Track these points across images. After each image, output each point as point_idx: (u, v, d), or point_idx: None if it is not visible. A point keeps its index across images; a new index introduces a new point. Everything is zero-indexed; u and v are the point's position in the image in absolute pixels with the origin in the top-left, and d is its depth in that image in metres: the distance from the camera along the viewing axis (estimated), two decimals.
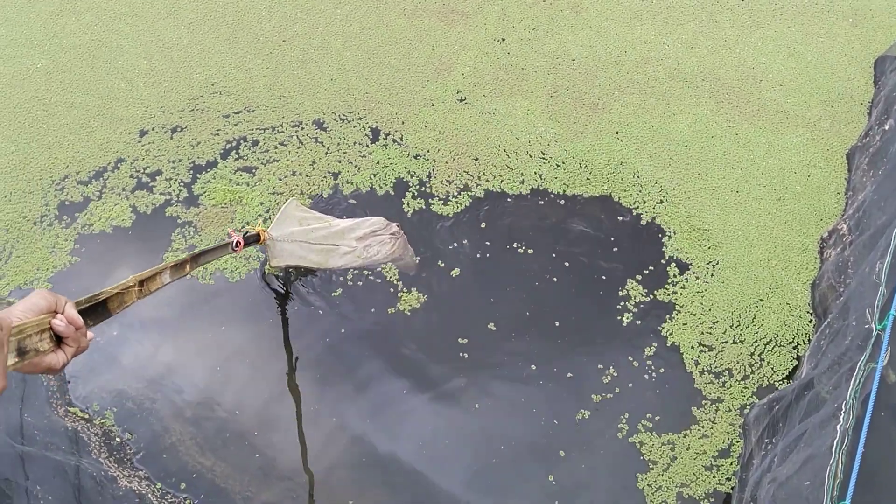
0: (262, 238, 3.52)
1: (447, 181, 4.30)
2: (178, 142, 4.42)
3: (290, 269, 3.94)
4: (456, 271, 4.00)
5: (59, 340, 1.51)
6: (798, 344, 3.77)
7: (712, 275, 4.00)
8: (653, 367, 3.71)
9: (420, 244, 4.08)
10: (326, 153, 4.39)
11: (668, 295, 3.94)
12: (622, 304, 3.91)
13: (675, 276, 4.00)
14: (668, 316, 3.87)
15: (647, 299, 3.93)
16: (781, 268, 4.01)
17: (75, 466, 3.05)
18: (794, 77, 4.79)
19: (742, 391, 3.65)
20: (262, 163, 4.35)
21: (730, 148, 4.48)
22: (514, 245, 4.10)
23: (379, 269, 3.97)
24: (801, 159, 4.42)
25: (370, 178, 4.30)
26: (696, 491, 3.37)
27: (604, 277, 4.00)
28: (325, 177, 4.29)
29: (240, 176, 4.30)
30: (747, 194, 4.29)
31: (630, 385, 3.66)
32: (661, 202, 4.25)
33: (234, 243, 3.15)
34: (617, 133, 4.52)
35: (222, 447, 3.42)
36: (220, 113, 4.56)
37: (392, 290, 3.92)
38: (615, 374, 3.68)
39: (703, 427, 3.55)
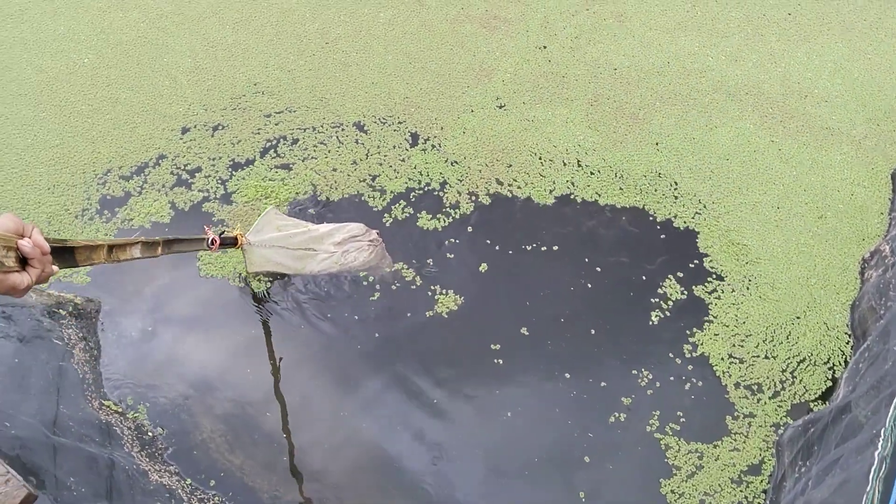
0: (239, 242, 3.53)
1: (479, 186, 4.30)
2: (218, 140, 4.47)
3: (269, 277, 3.94)
4: (488, 274, 3.99)
5: (24, 264, 1.57)
6: (834, 365, 3.71)
7: (748, 288, 3.95)
8: (686, 378, 3.67)
9: (448, 248, 4.08)
10: (367, 155, 4.41)
11: (702, 306, 3.90)
12: (655, 312, 3.88)
13: (709, 287, 3.96)
14: (700, 326, 3.84)
15: (681, 309, 3.90)
16: (820, 287, 3.94)
17: (108, 459, 3.09)
18: (840, 93, 4.71)
19: (776, 409, 3.60)
20: (300, 159, 4.38)
21: (772, 163, 4.42)
22: (545, 249, 4.08)
23: (409, 277, 3.97)
24: (845, 177, 4.35)
25: (406, 182, 4.31)
26: (720, 502, 3.33)
27: (637, 286, 3.97)
28: (364, 179, 4.31)
29: (275, 173, 4.33)
30: (788, 211, 4.23)
31: (661, 394, 3.63)
32: (699, 214, 4.21)
33: (210, 241, 3.17)
34: (657, 144, 4.48)
35: (251, 446, 3.45)
36: (261, 112, 4.60)
37: (429, 293, 3.92)
38: (647, 383, 3.65)
39: (735, 440, 3.51)
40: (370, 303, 3.90)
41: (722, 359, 3.74)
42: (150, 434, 3.41)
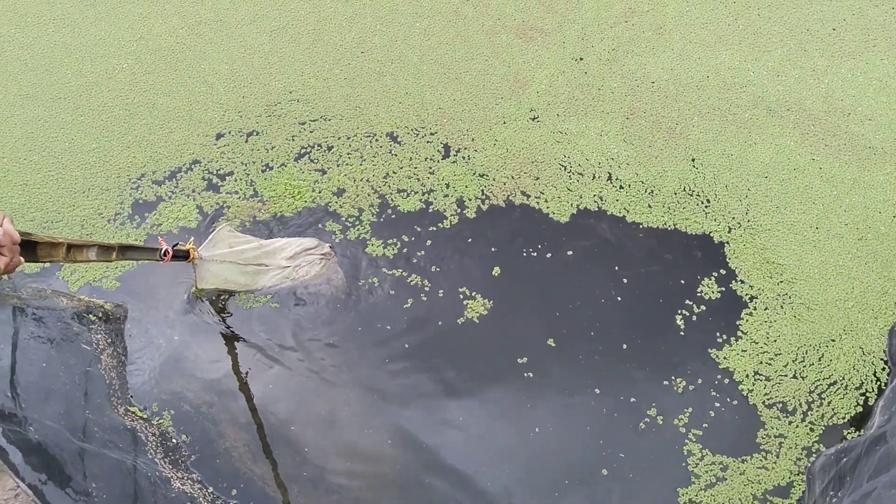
0: (191, 256, 3.51)
1: (503, 198, 4.26)
2: (252, 145, 4.49)
3: (220, 294, 3.92)
4: (516, 285, 3.95)
5: None
6: (867, 391, 3.61)
7: (782, 307, 3.87)
8: (716, 393, 3.61)
9: (475, 258, 4.04)
10: (400, 167, 4.39)
11: (733, 322, 3.83)
12: (684, 327, 3.81)
13: (742, 304, 3.89)
14: (729, 342, 3.77)
15: (710, 324, 3.83)
16: (858, 310, 3.84)
17: (132, 465, 3.10)
18: (885, 112, 4.59)
19: (808, 432, 3.51)
20: (335, 164, 4.39)
21: (812, 182, 4.32)
22: (573, 261, 4.03)
23: (441, 290, 3.94)
24: (887, 198, 4.23)
25: (429, 195, 4.28)
26: None
27: (666, 301, 3.90)
28: (391, 187, 4.30)
29: (308, 174, 4.34)
30: (827, 231, 4.13)
31: (690, 410, 3.58)
32: (733, 230, 4.13)
33: (163, 251, 3.17)
34: (693, 160, 4.40)
35: (274, 456, 3.44)
36: (296, 120, 4.61)
37: (461, 297, 3.90)
38: (675, 398, 3.58)
39: (764, 459, 3.46)
40: (404, 310, 3.89)
41: (747, 375, 3.68)
42: (173, 441, 3.42)
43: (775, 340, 3.77)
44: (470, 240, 4.14)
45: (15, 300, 3.50)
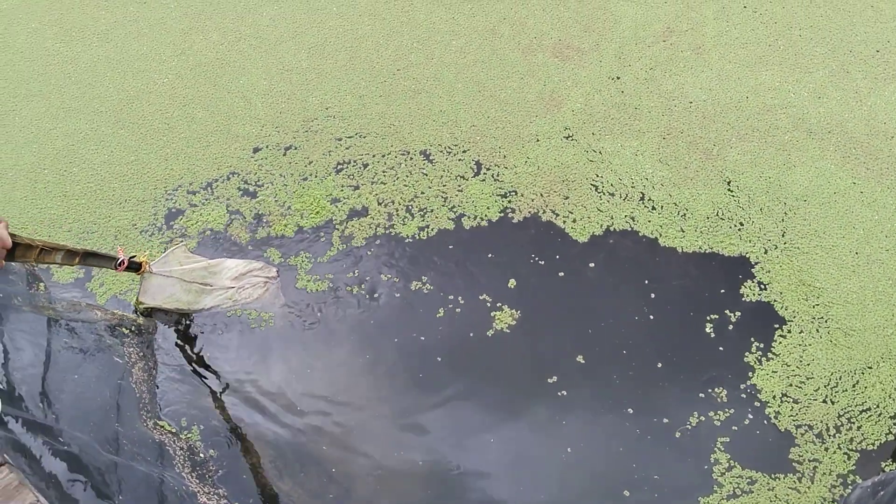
0: (143, 268, 3.54)
1: (530, 217, 4.25)
2: (290, 158, 4.53)
3: (161, 312, 3.92)
4: (546, 303, 3.93)
5: None
6: None
7: (818, 330, 3.80)
8: (752, 416, 3.56)
9: (497, 275, 4.03)
10: (430, 186, 4.39)
11: (767, 344, 3.77)
12: (716, 346, 3.75)
13: (777, 326, 3.83)
14: (761, 362, 3.72)
15: (742, 345, 3.78)
16: None
17: (159, 479, 3.13)
18: None
19: (844, 459, 3.44)
20: (369, 182, 4.41)
21: (853, 206, 4.23)
22: (602, 280, 4.00)
23: (466, 300, 3.93)
24: None
25: (457, 212, 4.28)
26: None
27: (699, 318, 3.84)
28: (420, 204, 4.30)
29: (341, 191, 4.37)
30: (868, 256, 4.03)
31: (720, 428, 3.53)
32: (768, 252, 4.06)
33: (119, 262, 3.25)
34: (728, 183, 4.33)
35: (300, 473, 3.45)
36: (332, 136, 4.65)
37: (487, 311, 3.89)
38: (707, 418, 3.53)
39: (799, 482, 3.41)
40: (435, 320, 3.89)
41: (774, 396, 3.64)
42: (201, 455, 3.44)
43: (808, 364, 3.71)
44: (491, 255, 4.12)
45: (50, 312, 3.56)
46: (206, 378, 3.75)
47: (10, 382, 3.15)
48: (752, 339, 3.81)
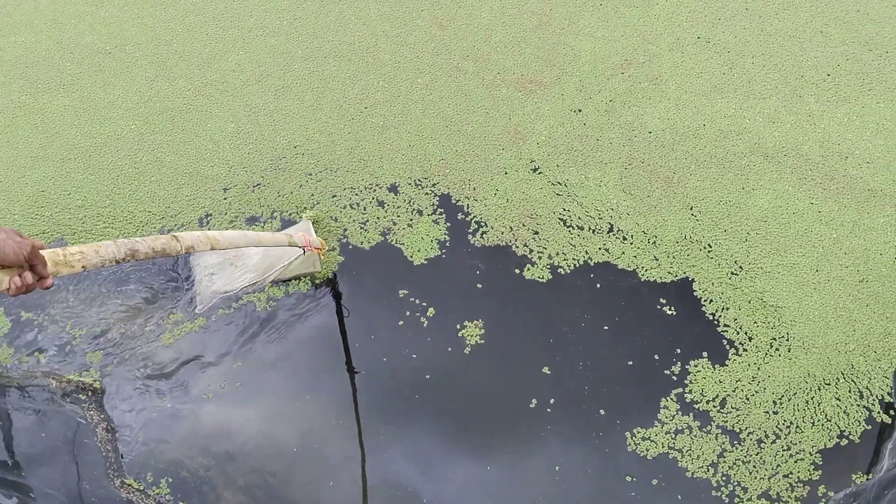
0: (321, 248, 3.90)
1: (506, 251, 4.32)
2: (259, 194, 4.58)
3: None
4: (514, 336, 3.98)
5: None
6: (850, 434, 3.62)
7: (777, 349, 3.89)
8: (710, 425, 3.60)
9: (474, 307, 4.08)
10: (395, 222, 4.46)
11: (722, 361, 3.85)
12: (675, 364, 3.82)
13: (735, 346, 3.90)
14: (716, 377, 3.78)
15: (708, 365, 3.84)
16: (860, 353, 3.84)
17: None
18: (883, 154, 4.64)
19: (812, 471, 3.50)
20: (334, 217, 4.47)
21: (811, 225, 4.35)
22: (576, 314, 4.06)
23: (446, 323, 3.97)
24: (888, 240, 4.26)
25: (420, 244, 4.34)
26: None
27: (663, 344, 3.92)
28: (384, 236, 4.36)
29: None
30: (828, 274, 4.15)
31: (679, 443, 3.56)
32: (734, 275, 4.16)
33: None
34: (691, 208, 4.45)
35: None
36: (302, 171, 4.70)
37: (453, 332, 3.93)
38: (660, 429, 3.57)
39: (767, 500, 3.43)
40: (408, 347, 3.91)
41: (723, 406, 3.71)
42: None
43: (763, 381, 3.81)
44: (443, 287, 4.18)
45: (6, 380, 3.55)
46: (169, 430, 3.74)
47: None
48: (712, 358, 3.89)
